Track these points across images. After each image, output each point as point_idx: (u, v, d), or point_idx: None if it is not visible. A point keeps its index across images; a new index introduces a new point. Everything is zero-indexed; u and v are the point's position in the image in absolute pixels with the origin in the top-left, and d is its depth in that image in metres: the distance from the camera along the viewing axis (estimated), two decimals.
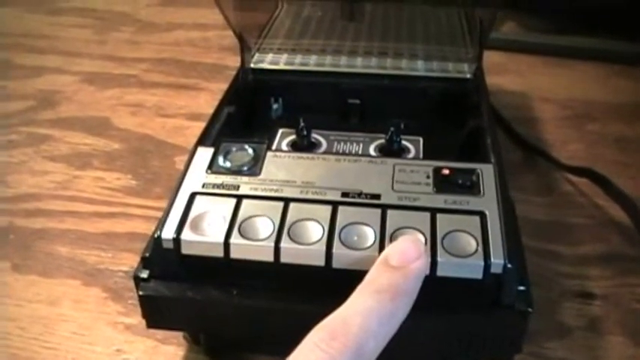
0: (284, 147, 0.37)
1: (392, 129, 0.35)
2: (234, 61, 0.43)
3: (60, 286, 0.37)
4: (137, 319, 0.34)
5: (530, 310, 0.27)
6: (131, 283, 0.30)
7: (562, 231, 0.41)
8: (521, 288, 0.27)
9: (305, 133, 0.36)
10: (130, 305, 0.35)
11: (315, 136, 0.37)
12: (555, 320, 0.35)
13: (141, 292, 0.28)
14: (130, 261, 0.38)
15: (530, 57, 0.62)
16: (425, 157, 0.35)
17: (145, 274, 0.29)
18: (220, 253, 0.28)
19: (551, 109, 0.54)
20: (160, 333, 0.34)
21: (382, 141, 0.36)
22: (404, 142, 0.36)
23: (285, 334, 0.29)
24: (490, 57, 0.59)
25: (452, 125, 0.38)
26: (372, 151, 0.36)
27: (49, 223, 0.42)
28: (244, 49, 0.41)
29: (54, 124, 0.54)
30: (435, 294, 0.27)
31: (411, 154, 0.36)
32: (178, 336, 0.33)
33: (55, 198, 0.45)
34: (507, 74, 0.59)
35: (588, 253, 0.39)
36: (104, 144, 0.50)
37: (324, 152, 0.36)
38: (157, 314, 0.30)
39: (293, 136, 0.37)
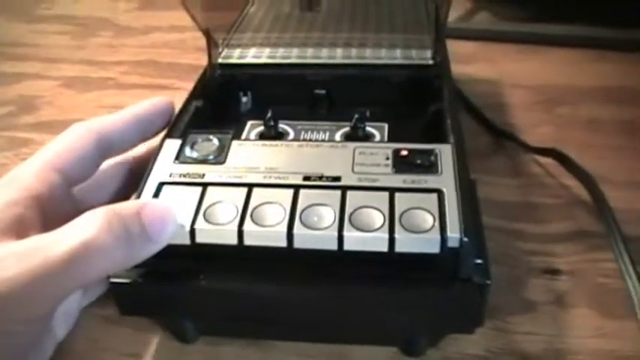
0: (252, 138, 0.37)
1: (356, 116, 0.36)
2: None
3: None
4: (111, 310, 0.35)
5: (488, 282, 0.28)
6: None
7: (529, 211, 0.42)
8: (479, 261, 0.28)
9: (272, 123, 0.37)
10: (104, 296, 0.36)
11: (283, 126, 0.38)
12: (521, 296, 0.36)
13: (112, 280, 0.29)
14: None
15: (502, 45, 0.63)
16: (389, 142, 0.36)
17: None
18: (187, 240, 0.28)
19: (522, 95, 0.55)
20: (136, 322, 0.34)
21: (348, 129, 0.37)
22: (369, 129, 0.37)
23: (252, 314, 0.30)
24: (462, 47, 0.61)
25: (416, 110, 0.39)
26: (337, 139, 0.37)
27: None
28: (212, 45, 0.42)
29: (34, 128, 0.54)
30: (395, 270, 0.28)
31: (376, 140, 0.37)
32: (154, 324, 0.34)
33: None
34: (479, 63, 0.60)
35: (554, 231, 0.40)
36: None
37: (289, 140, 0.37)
38: (129, 302, 0.31)
39: (261, 128, 0.38)
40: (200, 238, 0.28)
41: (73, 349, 0.34)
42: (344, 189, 0.29)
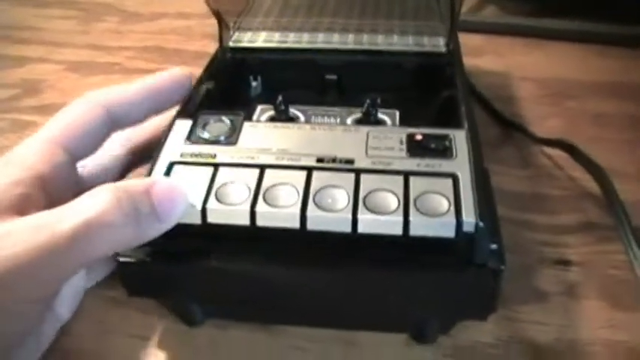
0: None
1: (368, 101, 0.36)
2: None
3: None
4: (118, 292, 0.34)
5: (502, 267, 0.27)
6: (111, 259, 0.30)
7: (539, 202, 0.41)
8: (494, 247, 0.28)
9: (283, 107, 0.37)
10: (111, 279, 0.36)
11: (293, 111, 0.37)
12: (532, 286, 0.35)
13: (119, 259, 0.29)
14: None
15: (510, 39, 0.63)
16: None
17: None
18: (198, 220, 0.28)
19: (530, 88, 0.54)
20: (143, 304, 0.34)
21: (359, 114, 0.37)
22: (380, 115, 0.37)
23: (262, 297, 0.30)
24: (470, 39, 0.60)
25: (428, 98, 0.38)
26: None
27: None
28: (223, 28, 0.41)
29: (37, 111, 0.54)
30: (409, 254, 0.27)
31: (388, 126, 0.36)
32: (161, 307, 0.34)
33: None
34: (487, 55, 0.60)
35: (565, 222, 0.40)
36: None
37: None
38: (136, 282, 0.30)
39: (271, 112, 0.37)
40: (212, 218, 0.28)
41: (78, 330, 0.33)
42: (358, 172, 0.29)
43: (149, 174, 0.30)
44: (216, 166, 0.30)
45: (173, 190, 0.27)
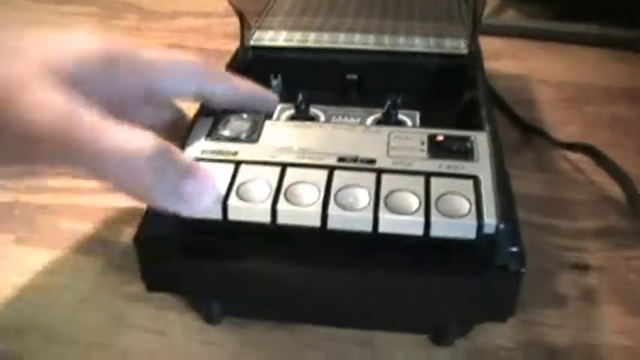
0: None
1: (389, 102, 0.36)
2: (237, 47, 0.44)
3: (63, 257, 0.38)
4: (138, 288, 0.35)
5: (523, 270, 0.27)
6: (133, 254, 0.30)
7: (559, 206, 0.41)
8: (514, 249, 0.28)
9: (303, 107, 0.37)
10: (130, 275, 0.36)
11: (314, 110, 0.38)
12: (551, 290, 0.35)
13: (140, 254, 0.29)
14: (131, 234, 0.39)
15: (529, 42, 0.63)
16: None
17: (144, 237, 0.29)
18: (219, 215, 0.28)
19: (549, 92, 0.54)
20: (162, 300, 0.34)
21: (379, 115, 0.37)
22: (401, 116, 0.37)
23: (281, 294, 0.30)
24: (489, 43, 0.60)
25: (449, 100, 0.38)
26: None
27: (52, 199, 0.43)
28: (244, 27, 0.42)
29: None
30: (430, 255, 0.27)
31: (408, 127, 0.36)
32: (179, 303, 0.34)
33: (58, 175, 0.45)
34: (506, 59, 0.60)
35: (585, 227, 0.40)
36: None
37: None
38: (156, 277, 0.31)
39: (291, 111, 0.37)
40: (232, 215, 0.28)
41: (98, 325, 0.34)
42: (379, 171, 0.29)
43: None
44: (237, 163, 0.30)
45: (205, 189, 0.27)
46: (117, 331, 0.33)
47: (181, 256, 0.29)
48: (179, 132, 0.33)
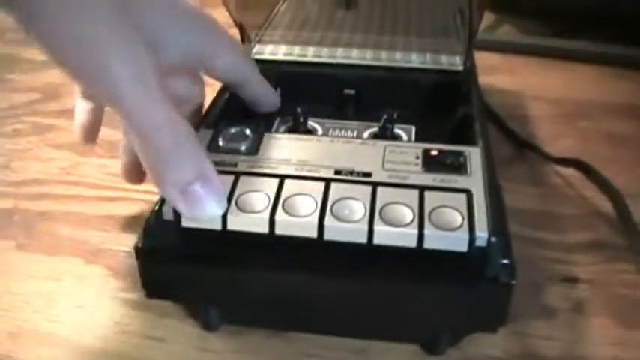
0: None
1: (385, 117, 0.37)
2: None
3: (63, 263, 0.39)
4: (138, 295, 0.35)
5: (514, 282, 0.28)
6: (133, 262, 0.31)
7: (550, 220, 0.42)
8: (505, 261, 0.29)
9: (302, 120, 0.37)
10: (130, 282, 0.37)
11: (312, 123, 0.38)
12: (541, 302, 0.36)
13: (141, 261, 0.30)
14: (132, 241, 0.39)
15: (525, 58, 0.64)
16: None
17: (145, 245, 0.30)
18: (218, 226, 0.29)
19: (544, 107, 0.55)
20: (161, 307, 0.35)
21: (375, 129, 0.38)
22: (397, 131, 0.37)
23: (279, 303, 0.31)
24: (485, 58, 0.61)
25: (444, 114, 0.39)
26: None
27: (53, 205, 0.44)
28: (245, 41, 0.42)
29: (59, 115, 0.55)
30: (423, 266, 0.28)
31: (404, 141, 0.37)
32: (179, 310, 0.35)
33: (58, 183, 0.46)
34: (501, 74, 0.61)
35: (575, 240, 0.40)
36: (108, 133, 0.51)
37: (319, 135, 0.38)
38: (156, 284, 0.31)
39: (290, 124, 0.38)
40: (232, 225, 0.29)
41: (96, 331, 0.34)
42: (374, 185, 0.30)
43: None
44: (237, 174, 0.31)
45: (211, 200, 0.28)
46: (116, 338, 0.34)
47: (181, 264, 0.30)
48: (197, 116, 0.36)
